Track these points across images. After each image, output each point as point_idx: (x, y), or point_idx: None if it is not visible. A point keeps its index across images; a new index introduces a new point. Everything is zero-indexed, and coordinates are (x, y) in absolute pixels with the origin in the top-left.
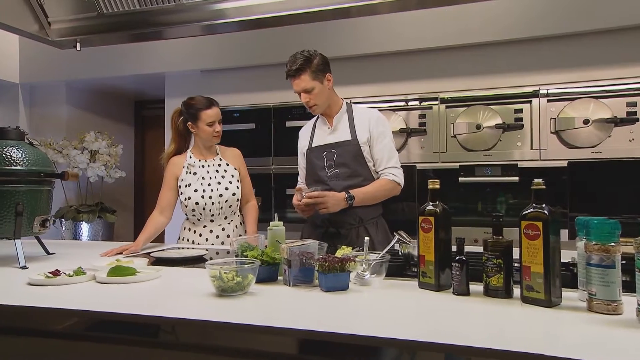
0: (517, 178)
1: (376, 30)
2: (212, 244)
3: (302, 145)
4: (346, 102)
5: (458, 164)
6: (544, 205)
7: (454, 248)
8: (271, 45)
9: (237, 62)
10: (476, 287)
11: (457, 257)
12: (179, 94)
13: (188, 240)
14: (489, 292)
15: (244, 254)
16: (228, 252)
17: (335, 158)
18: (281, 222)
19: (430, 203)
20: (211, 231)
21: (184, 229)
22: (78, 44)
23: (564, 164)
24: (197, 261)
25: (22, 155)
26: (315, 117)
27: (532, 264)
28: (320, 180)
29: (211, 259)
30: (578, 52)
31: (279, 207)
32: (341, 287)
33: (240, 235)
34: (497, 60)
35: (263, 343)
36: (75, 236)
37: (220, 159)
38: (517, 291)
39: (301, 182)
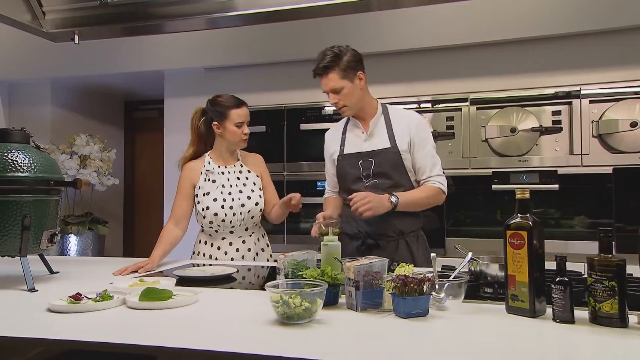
0: (557, 185)
1: (400, 26)
2: (232, 259)
3: (332, 150)
4: (381, 104)
5: (490, 170)
6: None
7: None
8: (284, 42)
9: (245, 59)
10: (577, 313)
11: (558, 278)
12: (180, 94)
13: (205, 255)
14: (599, 320)
15: (299, 273)
16: (249, 270)
17: (373, 167)
18: (336, 237)
19: (520, 215)
20: (230, 244)
21: (200, 242)
22: (76, 37)
23: (609, 170)
24: (226, 280)
25: (28, 161)
26: (345, 119)
27: None
28: (357, 192)
29: (230, 276)
30: (622, 48)
31: (292, 218)
32: (421, 313)
33: (262, 250)
34: (533, 58)
35: None
36: (63, 251)
37: (242, 165)
38: (631, 318)
39: (329, 189)
